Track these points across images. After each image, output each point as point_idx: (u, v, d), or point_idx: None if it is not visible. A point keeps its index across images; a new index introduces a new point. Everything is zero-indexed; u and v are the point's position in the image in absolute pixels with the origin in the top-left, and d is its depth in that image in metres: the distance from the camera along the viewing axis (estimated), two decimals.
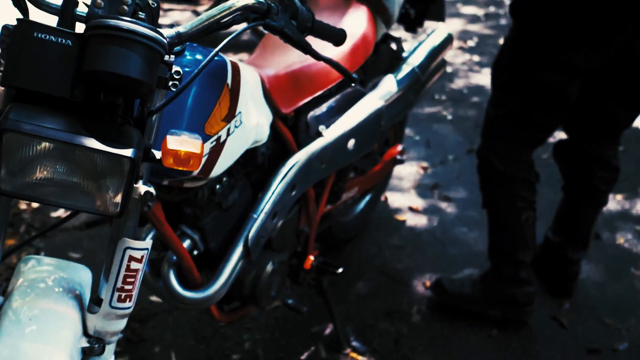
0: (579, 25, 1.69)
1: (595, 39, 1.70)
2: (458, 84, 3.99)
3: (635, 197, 2.81)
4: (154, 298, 2.12)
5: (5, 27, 0.98)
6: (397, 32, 3.02)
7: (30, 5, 1.10)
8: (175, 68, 1.02)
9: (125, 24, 0.92)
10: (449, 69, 4.09)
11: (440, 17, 2.28)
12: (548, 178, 2.63)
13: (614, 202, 2.76)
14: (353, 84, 1.84)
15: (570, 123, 1.99)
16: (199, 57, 1.30)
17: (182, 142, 1.00)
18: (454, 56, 4.37)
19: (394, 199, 2.81)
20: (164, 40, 0.97)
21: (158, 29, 0.98)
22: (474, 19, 5.24)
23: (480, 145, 2.01)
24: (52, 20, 1.02)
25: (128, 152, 0.95)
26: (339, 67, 1.34)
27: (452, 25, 4.99)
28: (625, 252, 2.47)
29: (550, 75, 1.77)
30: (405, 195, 2.85)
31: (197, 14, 5.47)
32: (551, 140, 2.86)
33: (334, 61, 1.31)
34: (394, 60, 2.10)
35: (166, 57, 1.00)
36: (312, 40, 1.31)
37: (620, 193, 2.81)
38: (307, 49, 1.25)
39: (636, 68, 1.79)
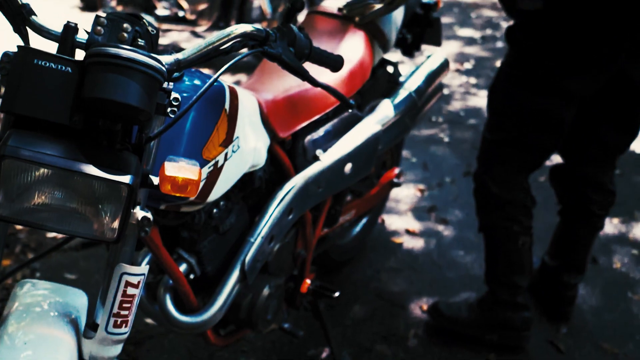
0: (573, 52, 1.71)
1: (589, 66, 1.72)
2: (455, 106, 4.02)
3: (631, 220, 2.82)
4: (149, 320, 2.12)
5: (5, 53, 0.99)
6: (394, 55, 3.05)
7: (30, 32, 1.12)
8: (173, 95, 1.03)
9: (125, 52, 0.94)
10: (446, 91, 4.12)
11: (437, 41, 2.30)
12: (545, 201, 2.64)
13: (611, 226, 2.77)
14: (350, 110, 1.85)
15: (566, 148, 2.01)
16: (197, 82, 1.32)
17: (179, 169, 1.01)
18: (451, 78, 4.40)
19: (391, 221, 2.82)
20: (163, 68, 0.98)
21: (157, 57, 0.99)
22: (470, 41, 5.28)
23: (476, 169, 2.03)
24: (51, 46, 1.03)
25: (126, 179, 0.95)
26: (336, 93, 1.35)
27: (449, 48, 5.04)
28: (622, 276, 2.47)
29: (545, 101, 1.79)
30: (402, 217, 2.85)
31: (195, 34, 5.51)
32: (548, 163, 2.88)
33: (331, 87, 1.33)
34: (391, 85, 2.12)
35: (165, 85, 1.02)
36: (309, 64, 1.33)
37: (617, 217, 2.82)
38: (305, 76, 1.26)
39: (630, 94, 1.82)
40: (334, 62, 1.35)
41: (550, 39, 1.73)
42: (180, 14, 5.06)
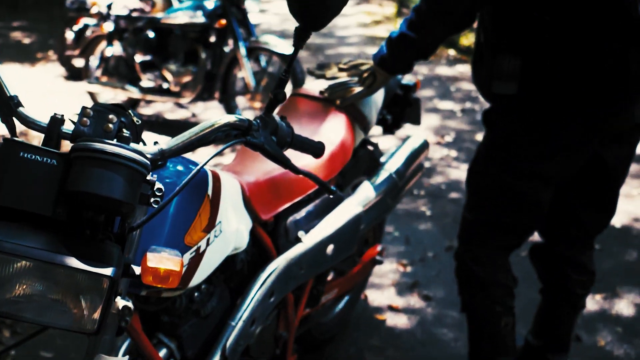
0: (548, 136, 1.77)
1: (564, 150, 1.78)
2: (436, 179, 4.08)
3: (614, 297, 2.84)
4: None
5: None
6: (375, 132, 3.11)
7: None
8: (157, 185, 1.06)
9: (110, 147, 0.96)
10: (427, 164, 4.19)
11: (416, 120, 2.37)
12: (527, 276, 2.66)
13: (593, 302, 2.79)
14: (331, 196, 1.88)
15: (545, 227, 2.04)
16: (180, 168, 1.35)
17: (161, 260, 1.02)
18: (432, 151, 4.48)
19: (374, 297, 2.82)
20: (147, 162, 1.00)
21: (141, 150, 1.02)
22: (450, 114, 5.41)
23: (457, 248, 2.05)
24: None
25: (108, 271, 0.97)
26: (317, 180, 1.38)
27: (430, 121, 5.15)
28: (607, 354, 2.48)
29: (522, 184, 1.83)
30: (385, 293, 2.86)
31: (179, 105, 5.59)
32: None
33: (312, 175, 1.36)
34: (372, 165, 2.16)
35: (149, 176, 1.04)
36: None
37: (599, 293, 2.84)
38: (287, 164, 1.29)
39: (605, 176, 1.87)
40: (316, 149, 1.39)
41: (525, 123, 1.79)
42: (165, 85, 5.14)
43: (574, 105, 1.72)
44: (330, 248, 1.81)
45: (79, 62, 6.12)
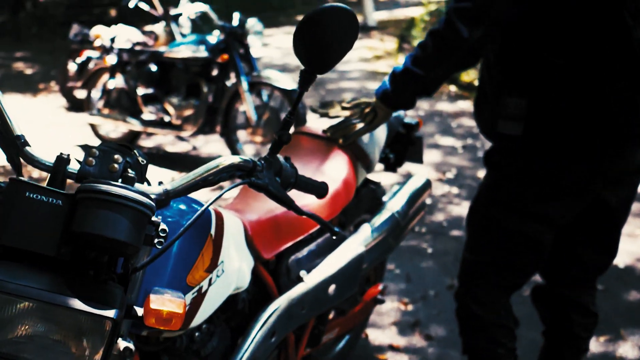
0: (551, 179, 1.77)
1: (567, 193, 1.78)
2: (438, 216, 4.09)
3: (618, 339, 2.83)
4: None
5: None
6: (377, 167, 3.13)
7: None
8: (161, 226, 1.07)
9: (116, 189, 0.98)
10: (428, 201, 4.20)
11: (418, 159, 2.39)
12: (529, 316, 2.65)
13: (597, 345, 2.77)
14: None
15: (546, 268, 2.04)
16: (182, 207, 1.36)
17: (164, 302, 1.03)
18: (433, 188, 4.50)
19: (375, 336, 2.80)
20: (152, 203, 1.02)
21: (146, 191, 1.03)
22: (452, 150, 5.43)
23: (457, 289, 2.05)
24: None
25: (110, 313, 0.97)
26: (321, 221, 1.39)
27: (431, 157, 5.17)
28: None
29: (525, 226, 1.83)
30: (385, 332, 2.84)
31: (180, 138, 5.62)
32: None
33: (316, 216, 1.37)
34: (375, 204, 2.17)
35: (153, 217, 1.05)
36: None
37: (603, 335, 2.83)
38: (290, 205, 1.30)
39: (607, 217, 1.88)
40: (319, 189, 1.40)
41: (529, 164, 1.80)
42: (166, 118, 5.17)
43: (580, 147, 1.72)
44: (332, 288, 1.81)
45: (80, 94, 6.19)
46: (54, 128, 6.26)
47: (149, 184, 1.17)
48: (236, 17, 4.94)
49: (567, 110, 1.69)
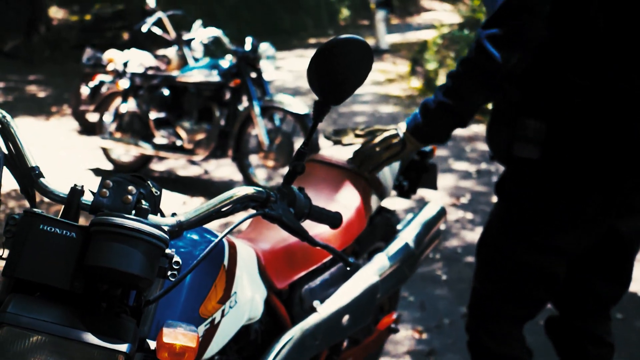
0: (566, 207, 1.74)
1: (582, 222, 1.75)
2: (452, 242, 4.07)
3: None
4: None
5: (11, 217, 1.03)
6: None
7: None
8: (175, 258, 1.07)
9: (129, 222, 0.98)
10: (442, 227, 4.18)
11: (432, 185, 2.38)
12: (544, 346, 2.61)
13: None
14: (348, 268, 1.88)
15: (559, 299, 2.01)
16: (195, 237, 1.36)
17: (177, 336, 1.03)
18: (447, 213, 4.48)
19: None
20: (166, 237, 1.02)
21: (159, 223, 1.04)
22: (466, 175, 5.43)
23: (468, 321, 2.02)
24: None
25: (123, 347, 0.97)
26: (335, 252, 1.39)
27: (445, 182, 5.16)
28: None
29: (539, 258, 1.80)
30: None
31: (192, 162, 5.65)
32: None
33: (330, 247, 1.37)
34: (389, 231, 2.17)
35: (167, 250, 1.05)
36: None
37: None
38: (304, 236, 1.30)
39: (619, 247, 1.85)
40: (333, 220, 1.40)
41: (544, 192, 1.76)
42: (178, 143, 5.21)
43: (599, 175, 1.69)
44: (345, 318, 1.80)
45: (93, 117, 6.25)
46: (66, 151, 6.32)
47: (162, 214, 1.18)
48: (248, 41, 4.99)
49: (590, 136, 1.65)
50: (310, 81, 1.22)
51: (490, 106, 1.99)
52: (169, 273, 1.07)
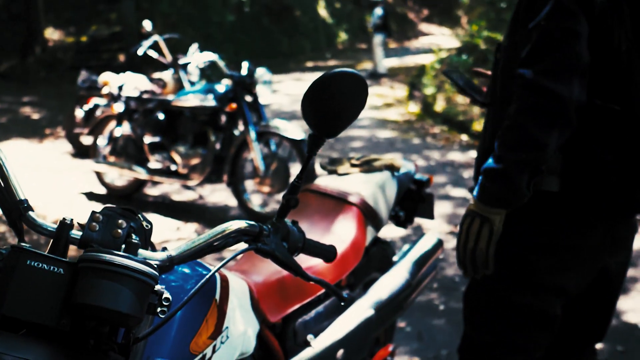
0: (572, 244, 1.67)
1: (586, 259, 1.70)
2: (449, 271, 4.05)
3: None
4: None
5: None
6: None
7: None
8: (165, 294, 1.06)
9: (119, 259, 0.97)
10: (440, 256, 4.16)
11: (429, 215, 2.38)
12: None
13: None
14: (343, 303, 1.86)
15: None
16: (186, 270, 1.35)
17: None
18: (444, 241, 4.47)
19: None
20: (156, 274, 1.01)
21: (150, 260, 1.03)
22: (463, 202, 5.42)
23: None
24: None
25: None
26: (329, 287, 1.38)
27: (442, 208, 5.16)
28: None
29: (537, 300, 1.71)
30: None
31: (187, 187, 5.64)
32: None
33: (324, 282, 1.36)
34: (385, 263, 2.16)
35: (157, 287, 1.04)
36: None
37: None
38: (297, 272, 1.30)
39: (606, 283, 1.80)
40: (327, 254, 1.39)
41: (546, 227, 1.68)
42: (173, 167, 5.21)
43: (606, 209, 1.62)
44: (340, 352, 1.78)
45: (86, 140, 6.27)
46: (59, 174, 6.31)
47: (153, 248, 1.17)
48: (245, 66, 5.01)
49: (603, 167, 1.58)
50: (304, 114, 1.22)
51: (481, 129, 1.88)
52: (159, 310, 1.05)
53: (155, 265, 1.04)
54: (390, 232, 4.32)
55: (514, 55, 1.62)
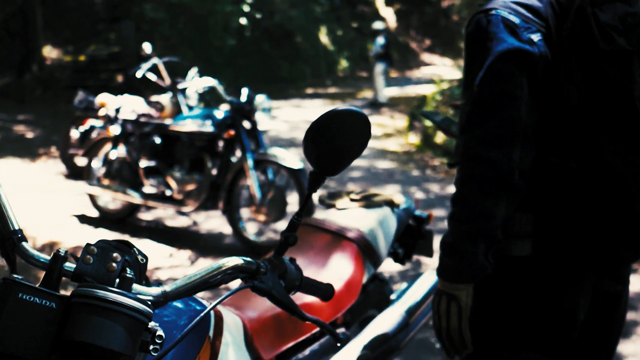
0: (554, 302, 1.61)
1: (569, 315, 1.64)
2: None
3: None
4: None
5: None
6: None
7: None
8: (158, 332, 1.05)
9: (113, 295, 0.97)
10: None
11: (428, 252, 2.39)
12: None
13: None
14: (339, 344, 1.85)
15: None
16: (180, 306, 1.34)
17: None
18: None
19: None
20: (150, 311, 1.01)
21: (144, 297, 1.03)
22: None
23: None
24: None
25: None
26: (325, 327, 1.38)
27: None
28: None
29: (520, 355, 1.65)
30: None
31: (181, 213, 5.64)
32: None
33: (320, 321, 1.35)
34: (382, 300, 2.16)
35: (150, 325, 1.04)
36: None
37: None
38: (294, 311, 1.29)
39: (603, 332, 1.76)
40: (325, 292, 1.39)
41: (527, 286, 1.61)
42: (168, 192, 5.20)
43: (587, 267, 1.59)
44: None
45: (81, 161, 6.27)
46: (51, 195, 6.30)
47: (147, 282, 1.16)
48: (244, 92, 5.03)
49: (583, 218, 1.56)
50: (306, 151, 1.22)
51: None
52: (151, 347, 1.05)
53: (149, 302, 1.03)
54: (389, 266, 4.31)
55: None
